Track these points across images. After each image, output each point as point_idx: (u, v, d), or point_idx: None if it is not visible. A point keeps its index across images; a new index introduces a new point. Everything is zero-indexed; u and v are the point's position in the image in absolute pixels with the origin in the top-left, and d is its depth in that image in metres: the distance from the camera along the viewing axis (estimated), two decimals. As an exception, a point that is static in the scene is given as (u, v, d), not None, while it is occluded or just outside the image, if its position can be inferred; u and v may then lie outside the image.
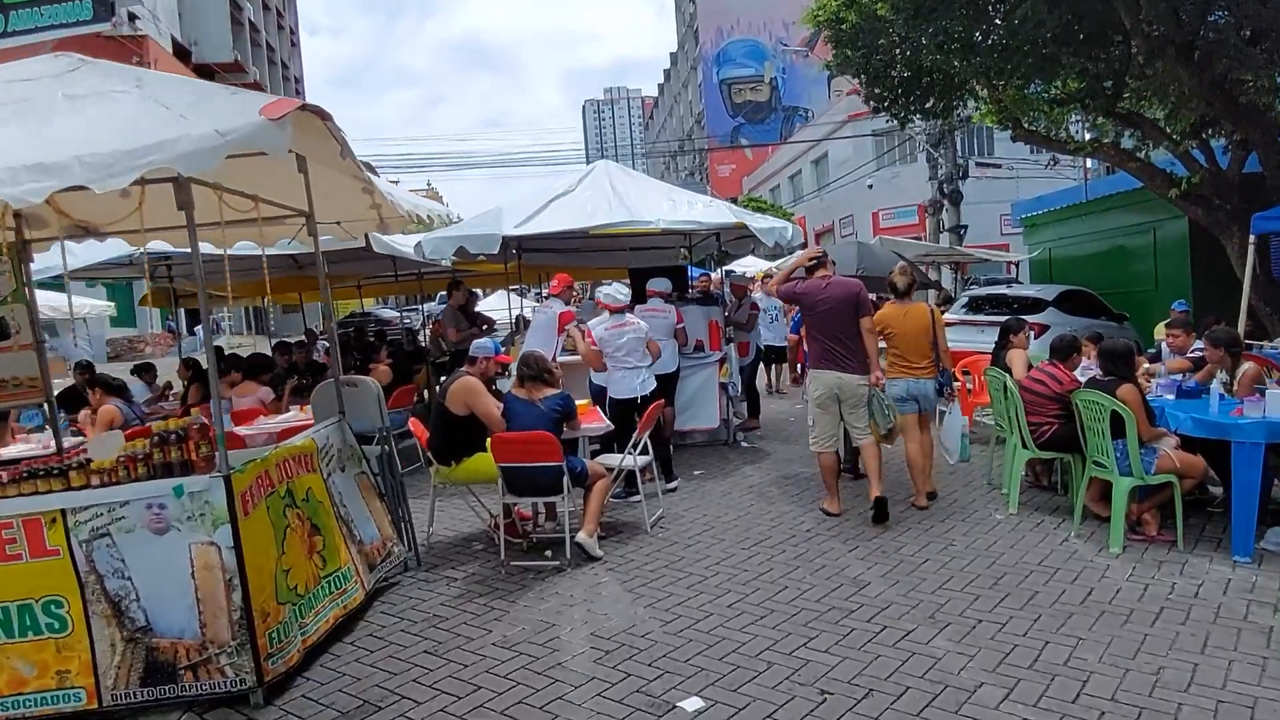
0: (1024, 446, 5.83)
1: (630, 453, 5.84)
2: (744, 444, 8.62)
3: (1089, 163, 17.85)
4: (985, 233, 26.46)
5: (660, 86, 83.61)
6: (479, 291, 15.82)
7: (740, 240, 9.41)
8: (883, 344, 6.18)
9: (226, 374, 7.44)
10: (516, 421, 5.30)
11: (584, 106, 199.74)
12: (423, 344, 12.61)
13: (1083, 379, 5.77)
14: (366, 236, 6.35)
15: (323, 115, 3.74)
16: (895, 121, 13.03)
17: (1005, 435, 6.31)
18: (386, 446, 5.17)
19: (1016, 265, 17.97)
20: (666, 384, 7.53)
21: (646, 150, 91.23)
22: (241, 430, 6.06)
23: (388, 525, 4.99)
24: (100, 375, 7.01)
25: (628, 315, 6.78)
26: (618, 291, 6.99)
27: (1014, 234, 27.48)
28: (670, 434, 7.80)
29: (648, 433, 5.90)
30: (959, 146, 21.30)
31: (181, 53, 34.31)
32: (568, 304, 7.80)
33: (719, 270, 10.79)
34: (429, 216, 4.97)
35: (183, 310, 13.63)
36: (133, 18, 29.67)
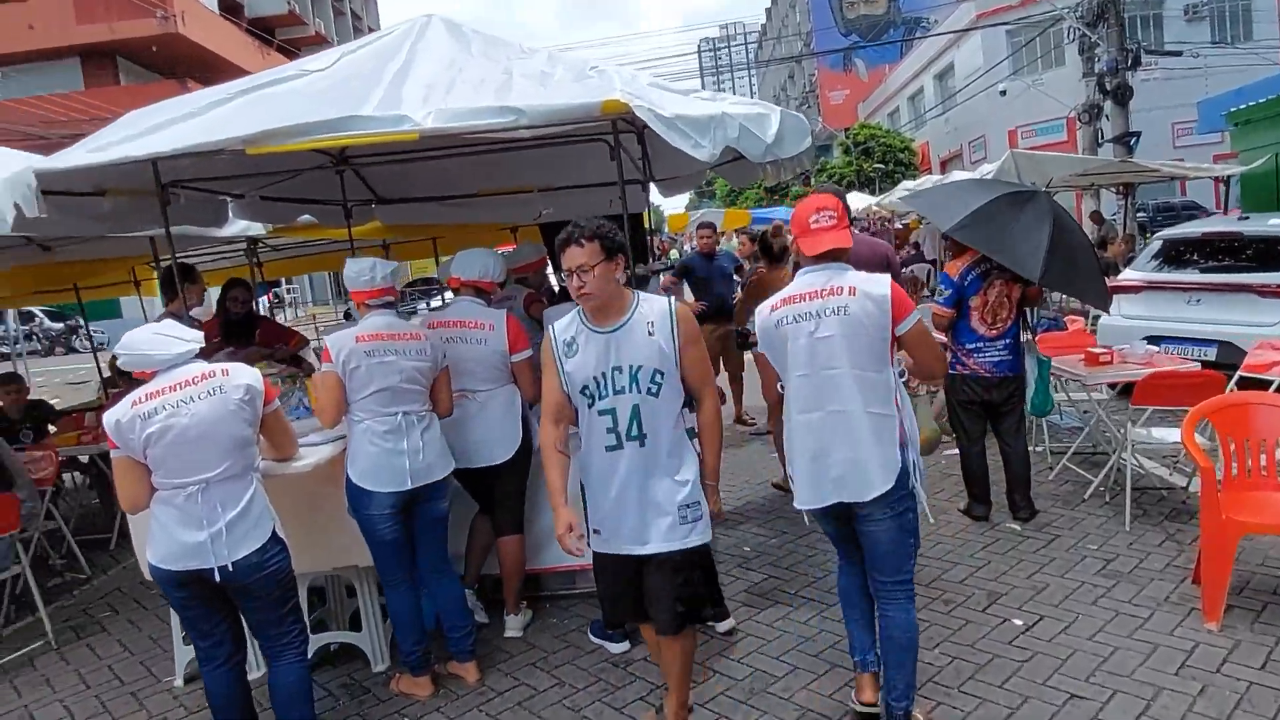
0: None
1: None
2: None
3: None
4: (1152, 149, 20.18)
5: (767, 10, 76.70)
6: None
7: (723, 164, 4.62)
8: None
9: None
10: None
11: (699, 44, 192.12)
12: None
13: None
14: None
15: None
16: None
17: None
18: None
19: (1226, 182, 12.61)
20: (500, 482, 3.66)
21: (759, 79, 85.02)
22: None
23: None
24: None
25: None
26: None
27: (1192, 146, 21.31)
28: (517, 579, 3.89)
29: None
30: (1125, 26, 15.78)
31: (234, 8, 32.10)
32: None
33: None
34: None
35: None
36: (161, -32, 27.36)
